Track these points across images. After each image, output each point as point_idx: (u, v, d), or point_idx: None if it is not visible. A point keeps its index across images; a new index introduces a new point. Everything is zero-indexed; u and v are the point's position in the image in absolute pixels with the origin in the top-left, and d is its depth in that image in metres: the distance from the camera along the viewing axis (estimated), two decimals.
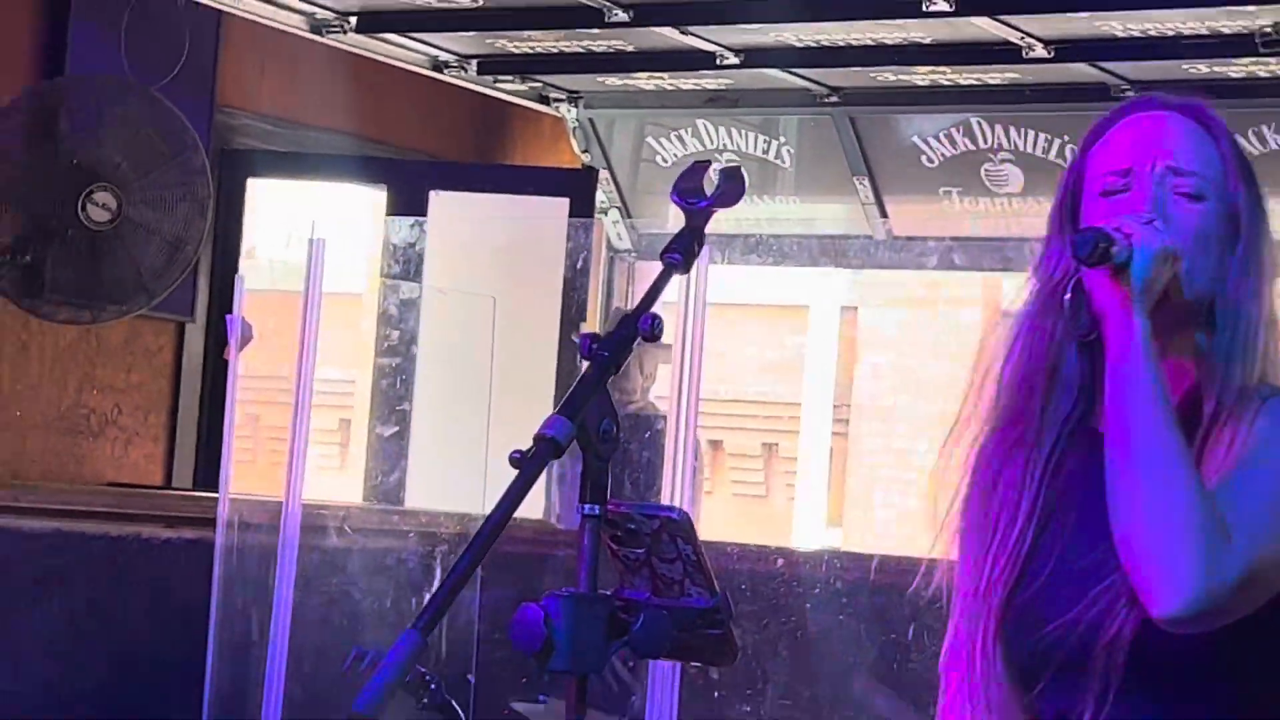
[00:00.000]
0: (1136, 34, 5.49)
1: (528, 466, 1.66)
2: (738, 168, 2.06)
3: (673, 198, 1.88)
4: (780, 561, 5.15)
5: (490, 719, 4.47)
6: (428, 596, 4.40)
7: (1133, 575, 1.90)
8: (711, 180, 1.87)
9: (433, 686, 3.99)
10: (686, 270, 1.84)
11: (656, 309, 1.77)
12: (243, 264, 6.71)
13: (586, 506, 1.76)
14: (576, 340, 5.28)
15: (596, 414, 1.72)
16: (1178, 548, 1.89)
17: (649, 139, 6.94)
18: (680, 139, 6.83)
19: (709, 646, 1.88)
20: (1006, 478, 2.07)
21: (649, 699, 3.81)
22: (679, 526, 1.81)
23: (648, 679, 3.84)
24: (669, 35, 5.75)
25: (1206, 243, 1.95)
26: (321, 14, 5.90)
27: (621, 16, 5.49)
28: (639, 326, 1.74)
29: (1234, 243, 1.98)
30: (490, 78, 6.59)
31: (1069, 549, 1.99)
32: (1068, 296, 1.94)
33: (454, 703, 4.09)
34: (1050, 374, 2.04)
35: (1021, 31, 5.42)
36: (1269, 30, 5.16)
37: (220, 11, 5.97)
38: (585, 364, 1.78)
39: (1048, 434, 2.03)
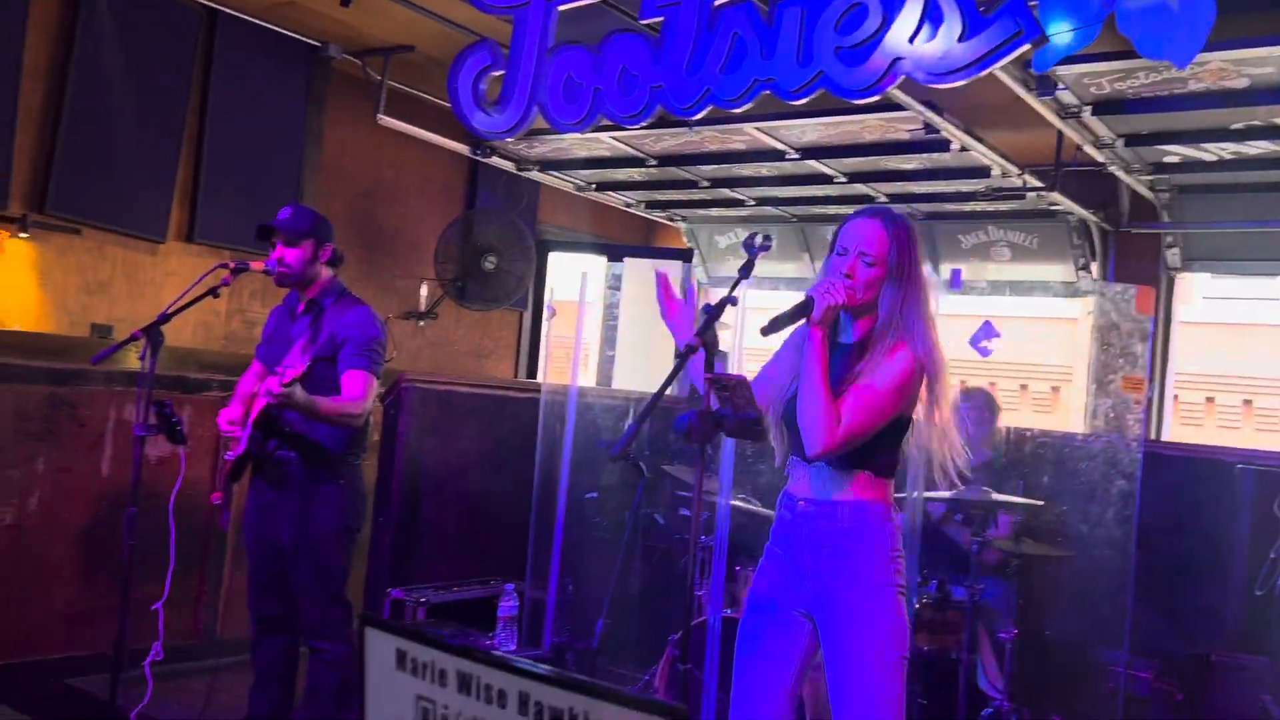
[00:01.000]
0: (927, 192, 5.86)
1: (682, 357, 2.30)
2: (770, 236, 2.49)
3: (742, 247, 2.44)
4: None
5: (654, 474, 4.61)
6: (628, 421, 5.09)
7: (801, 434, 2.38)
8: (755, 244, 2.47)
9: (631, 454, 4.16)
10: (746, 277, 2.47)
11: (735, 296, 2.43)
12: (547, 287, 7.35)
13: (706, 373, 2.28)
14: (702, 309, 5.98)
15: (710, 337, 2.27)
16: (816, 426, 2.34)
17: (714, 235, 7.52)
18: (727, 236, 7.48)
19: (752, 433, 2.33)
20: (786, 364, 2.54)
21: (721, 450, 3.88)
22: (743, 382, 2.28)
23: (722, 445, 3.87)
24: (725, 191, 6.33)
25: (874, 284, 2.40)
26: (580, 183, 6.53)
27: (705, 184, 6.14)
28: (728, 300, 2.39)
29: (894, 280, 2.40)
30: (651, 210, 7.23)
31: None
32: (793, 312, 2.37)
33: (640, 463, 4.52)
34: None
35: (879, 191, 5.85)
36: (983, 191, 5.51)
37: (539, 183, 6.69)
38: (703, 317, 2.32)
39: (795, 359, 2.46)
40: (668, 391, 2.29)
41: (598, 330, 7.98)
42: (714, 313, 2.32)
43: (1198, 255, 6.17)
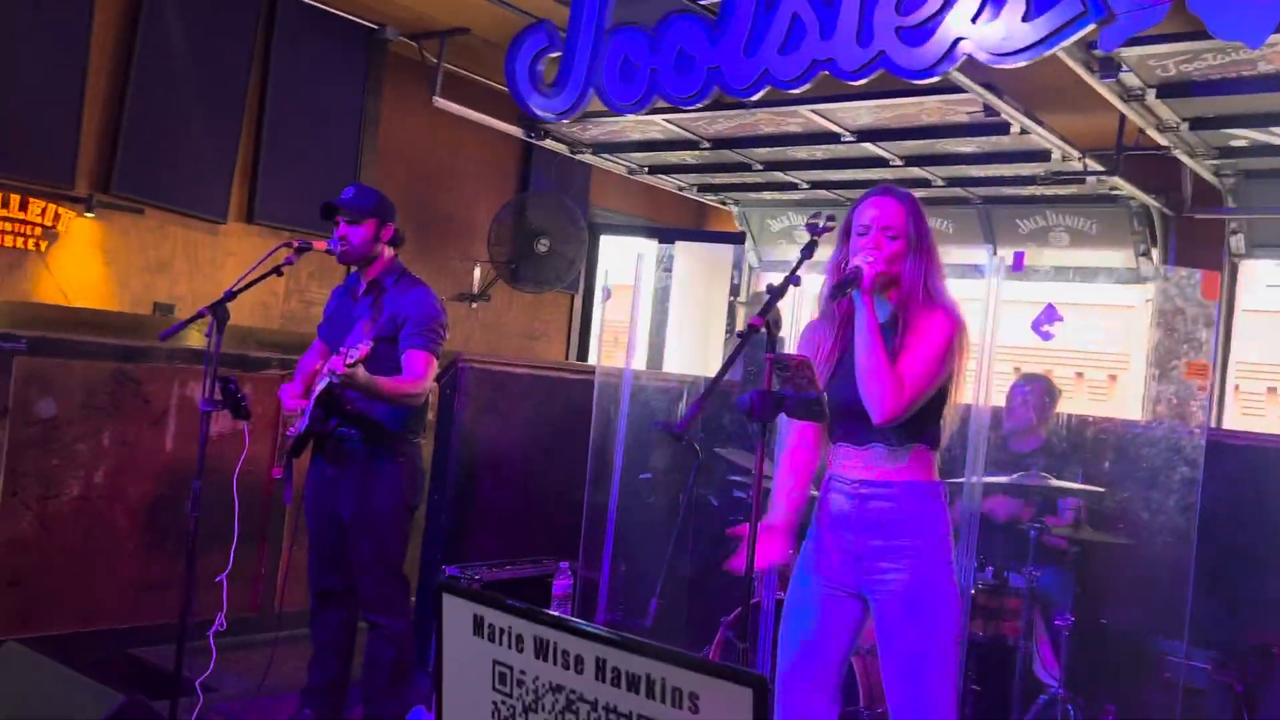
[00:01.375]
0: (985, 175, 5.79)
1: (745, 337, 2.30)
2: (833, 216, 2.47)
3: (805, 228, 2.46)
4: None
5: (708, 456, 4.66)
6: (681, 406, 5.37)
7: (865, 401, 2.40)
8: (818, 223, 2.46)
9: (687, 435, 4.19)
10: (809, 257, 2.44)
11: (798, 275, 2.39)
12: (598, 270, 7.49)
13: (766, 353, 2.28)
14: (764, 289, 5.73)
15: (773, 319, 2.29)
16: (877, 393, 2.37)
17: (767, 219, 7.52)
18: (779, 220, 7.49)
19: (813, 413, 2.28)
20: (822, 341, 2.58)
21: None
22: (805, 362, 2.27)
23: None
24: (778, 175, 6.27)
25: (897, 257, 2.45)
26: (633, 166, 6.43)
27: (759, 168, 6.08)
28: (790, 281, 2.38)
29: (913, 252, 2.46)
30: (703, 193, 7.20)
31: (848, 369, 2.47)
32: (844, 282, 2.40)
33: (695, 444, 4.47)
34: (833, 309, 2.58)
35: (935, 174, 5.79)
36: (1042, 175, 5.43)
37: (592, 166, 6.60)
38: (768, 295, 2.31)
39: (835, 330, 2.56)
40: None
41: (648, 313, 7.98)
42: (777, 293, 2.31)
43: (1263, 241, 6.06)
